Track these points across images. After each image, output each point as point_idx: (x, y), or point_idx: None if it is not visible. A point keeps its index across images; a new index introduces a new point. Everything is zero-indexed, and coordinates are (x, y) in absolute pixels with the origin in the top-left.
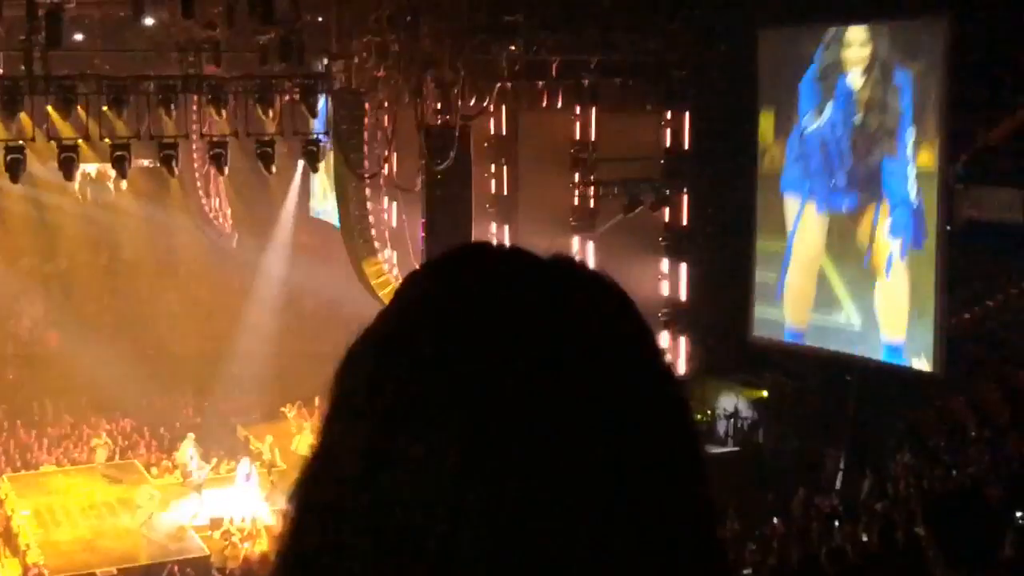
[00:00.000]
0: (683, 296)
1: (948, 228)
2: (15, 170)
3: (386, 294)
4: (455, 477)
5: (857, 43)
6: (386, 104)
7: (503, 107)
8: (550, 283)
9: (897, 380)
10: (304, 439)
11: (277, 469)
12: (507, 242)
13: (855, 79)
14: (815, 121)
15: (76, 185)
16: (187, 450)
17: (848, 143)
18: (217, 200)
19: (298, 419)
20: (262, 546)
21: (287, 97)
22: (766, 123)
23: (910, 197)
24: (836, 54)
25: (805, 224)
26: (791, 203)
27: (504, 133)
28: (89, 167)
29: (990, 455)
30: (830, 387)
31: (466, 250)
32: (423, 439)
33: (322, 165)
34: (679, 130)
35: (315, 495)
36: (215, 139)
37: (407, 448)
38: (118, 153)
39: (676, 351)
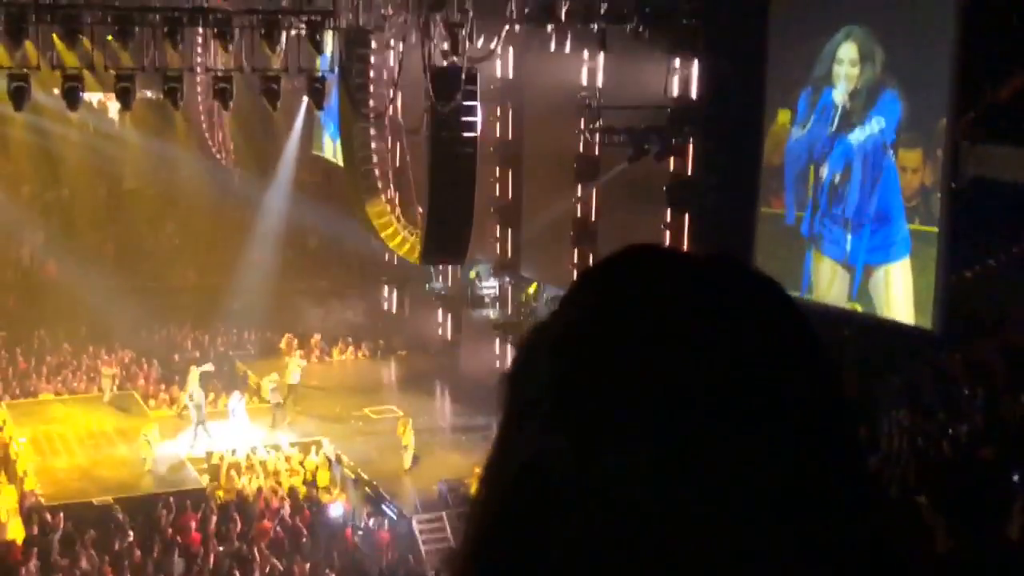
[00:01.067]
0: (685, 245)
1: (952, 185)
2: (19, 98)
3: (388, 235)
4: (645, 487)
5: (847, 61)
6: (393, 43)
7: (511, 50)
8: (721, 288)
9: (895, 336)
10: (293, 370)
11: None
12: (510, 187)
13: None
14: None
15: (82, 114)
16: (195, 382)
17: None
18: (220, 135)
19: (288, 350)
20: (258, 480)
21: (293, 33)
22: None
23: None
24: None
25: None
26: None
27: (511, 77)
28: (92, 96)
29: (985, 415)
30: (827, 341)
31: (637, 253)
32: (614, 448)
33: (326, 103)
34: (687, 79)
35: (499, 504)
36: (220, 73)
37: (599, 458)
38: (122, 84)
39: None
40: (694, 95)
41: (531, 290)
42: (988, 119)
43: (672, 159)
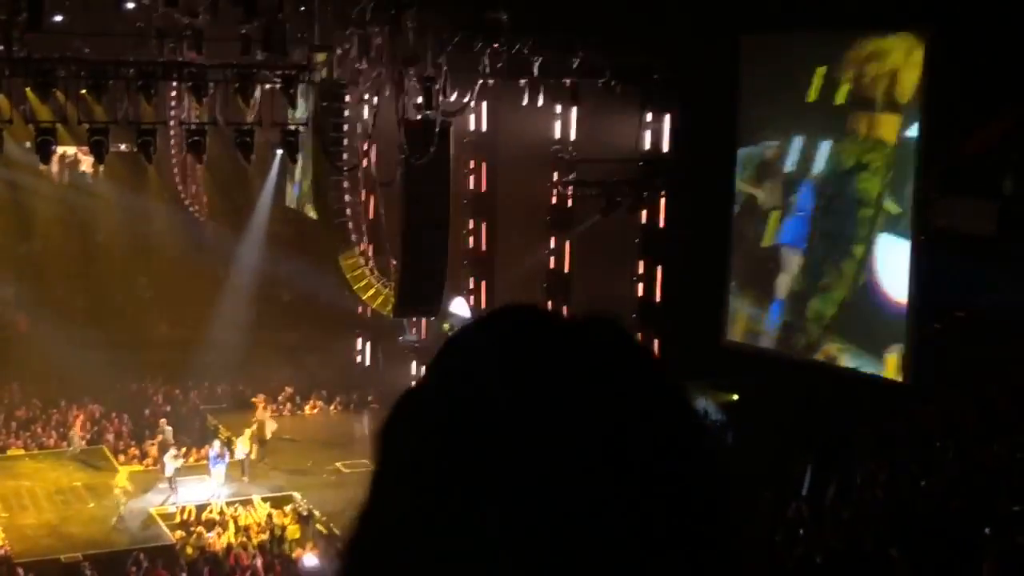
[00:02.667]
0: (657, 298)
1: (922, 238)
2: None
3: (362, 288)
4: (493, 548)
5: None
6: (367, 97)
7: (484, 104)
8: (585, 354)
9: (867, 388)
10: (267, 427)
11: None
12: (484, 239)
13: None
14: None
15: (55, 168)
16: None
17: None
18: (193, 187)
19: (263, 410)
20: (228, 536)
21: (267, 87)
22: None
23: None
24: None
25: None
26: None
27: (484, 130)
28: (66, 150)
29: (957, 467)
30: (801, 392)
31: (507, 314)
32: (465, 508)
33: (300, 157)
34: (659, 133)
35: (363, 557)
36: (194, 126)
37: (448, 517)
38: (96, 137)
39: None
40: (665, 148)
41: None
42: (955, 172)
43: (644, 211)
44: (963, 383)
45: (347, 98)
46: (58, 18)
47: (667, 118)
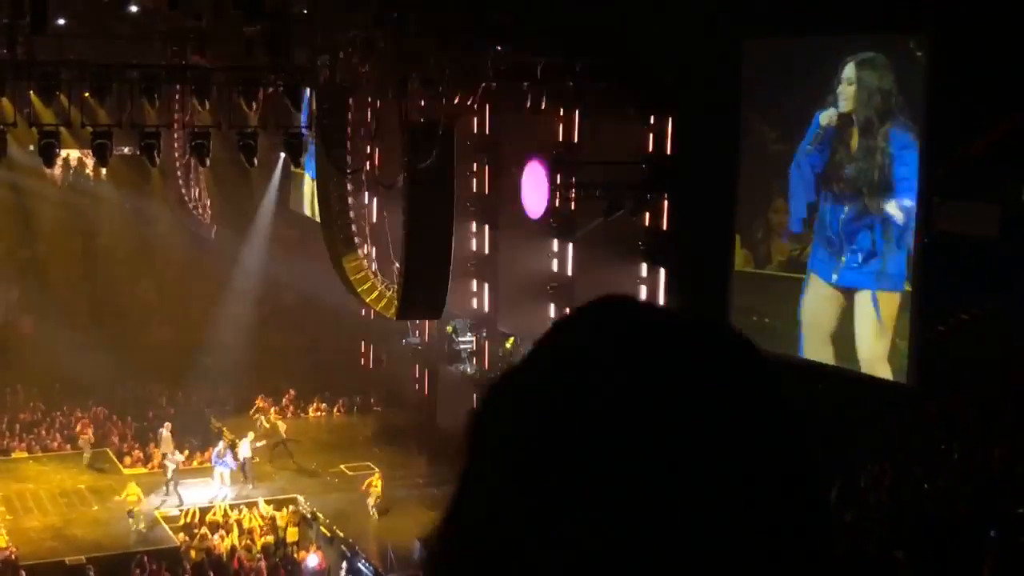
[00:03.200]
0: (661, 300)
1: (925, 241)
2: None
3: (365, 290)
4: (596, 544)
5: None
6: (370, 100)
7: (487, 107)
8: (694, 348)
9: (870, 391)
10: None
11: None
12: (487, 242)
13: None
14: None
15: (58, 171)
16: (167, 438)
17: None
18: (197, 191)
19: (263, 410)
20: (232, 539)
21: (271, 90)
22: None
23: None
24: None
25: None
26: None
27: (487, 133)
28: (71, 153)
29: (960, 469)
30: (803, 395)
31: (610, 304)
32: (571, 508)
33: (303, 159)
34: (662, 136)
35: (453, 554)
36: (197, 129)
37: (550, 508)
38: (99, 141)
39: None
40: (669, 151)
41: (508, 344)
42: (959, 175)
43: (647, 214)
44: (967, 385)
45: (350, 101)
46: (61, 21)
47: (670, 121)
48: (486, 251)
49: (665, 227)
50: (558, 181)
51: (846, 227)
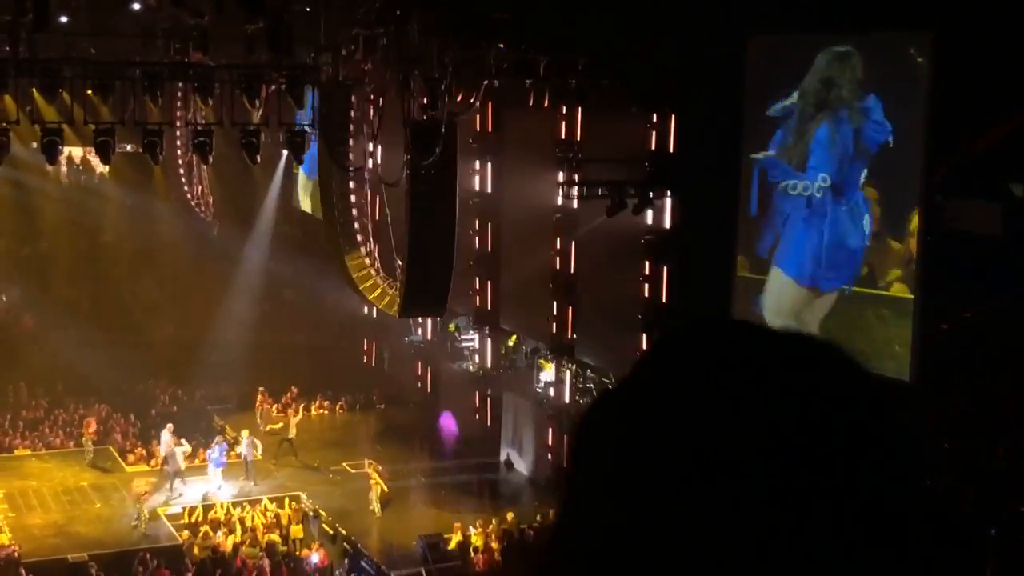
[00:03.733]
0: (664, 299)
1: (928, 239)
2: None
3: (367, 288)
4: (708, 564)
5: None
6: (372, 97)
7: (489, 105)
8: (792, 363)
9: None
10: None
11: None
12: (490, 240)
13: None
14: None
15: (63, 168)
16: (166, 440)
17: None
18: (200, 188)
19: (263, 405)
20: (235, 537)
21: (273, 87)
22: None
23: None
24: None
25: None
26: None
27: (490, 130)
28: (74, 151)
29: (962, 466)
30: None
31: (709, 327)
32: (676, 522)
33: (306, 157)
34: (665, 133)
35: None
36: (200, 127)
37: (657, 532)
38: (102, 138)
39: None
40: (671, 149)
41: (510, 342)
42: (962, 174)
43: (650, 212)
44: (969, 383)
45: (353, 98)
46: (64, 19)
47: (673, 119)
48: (489, 249)
49: (668, 225)
50: (561, 178)
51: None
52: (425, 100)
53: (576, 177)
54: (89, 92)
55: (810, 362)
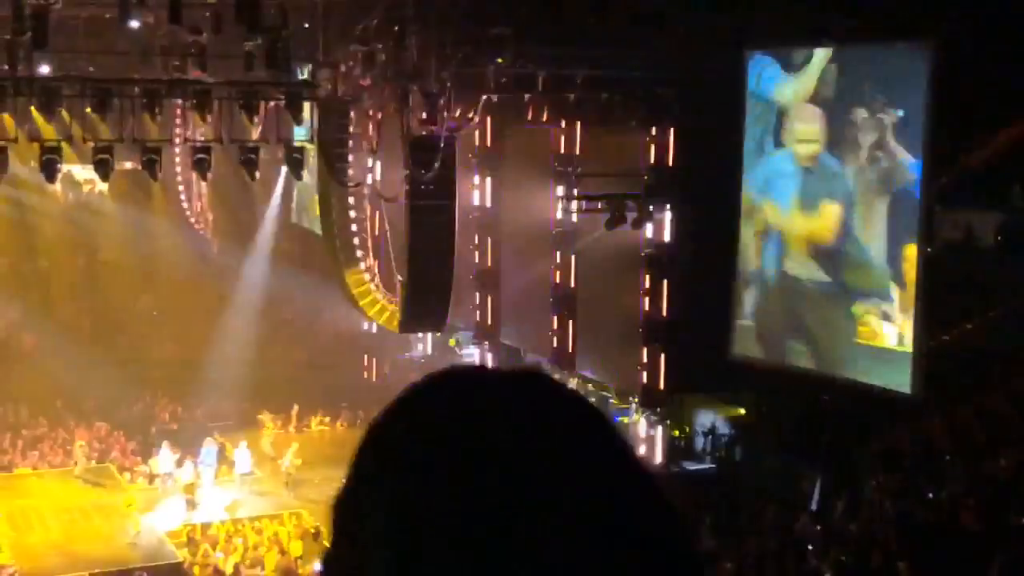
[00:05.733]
0: (664, 312)
1: (928, 250)
2: None
3: (367, 303)
4: None
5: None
6: (371, 113)
7: (488, 119)
8: (516, 408)
9: (874, 401)
10: (268, 441)
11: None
12: (489, 255)
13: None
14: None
15: (59, 187)
16: (166, 457)
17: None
18: (199, 205)
19: (272, 425)
20: (236, 555)
21: (272, 104)
22: None
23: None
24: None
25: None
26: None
27: (489, 145)
28: (75, 169)
29: (966, 478)
30: (807, 406)
31: (442, 380)
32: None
33: (306, 173)
34: (664, 147)
35: None
36: (199, 144)
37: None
38: (100, 156)
39: (656, 367)
40: (671, 162)
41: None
42: (961, 184)
43: (649, 225)
44: (971, 395)
45: (351, 114)
46: (62, 38)
47: (671, 132)
48: (488, 263)
49: (667, 238)
50: (561, 192)
51: None
52: (424, 115)
53: (575, 191)
54: (88, 110)
55: (536, 408)
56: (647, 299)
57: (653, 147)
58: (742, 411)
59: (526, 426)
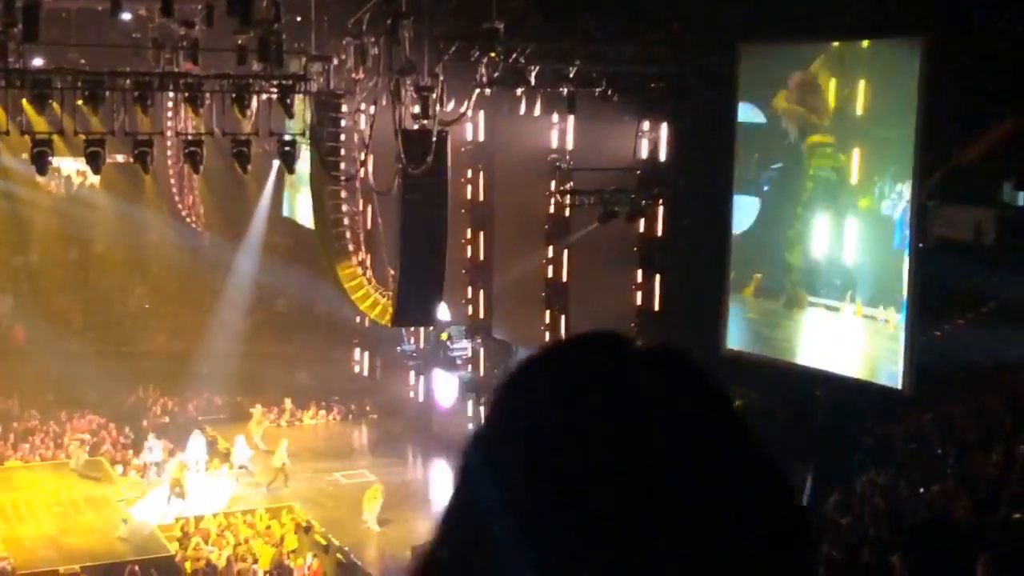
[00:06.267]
0: (656, 307)
1: (920, 246)
2: None
3: (359, 297)
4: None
5: None
6: (364, 107)
7: (481, 113)
8: (653, 379)
9: (866, 396)
10: (259, 432)
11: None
12: (482, 249)
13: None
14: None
15: (53, 179)
16: (153, 448)
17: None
18: (190, 198)
19: (262, 418)
20: (229, 548)
21: (264, 97)
22: None
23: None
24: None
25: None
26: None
27: (481, 139)
28: (66, 162)
29: (957, 473)
30: (799, 401)
31: (576, 343)
32: (521, 530)
33: (297, 166)
34: (656, 141)
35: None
36: (190, 137)
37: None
38: (92, 149)
39: None
40: (663, 157)
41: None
42: (953, 180)
43: (642, 220)
44: (963, 390)
45: (344, 108)
46: (54, 30)
47: (664, 126)
48: (481, 257)
49: (660, 233)
50: (553, 187)
51: None
52: (416, 109)
53: (568, 185)
54: (79, 102)
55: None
56: (640, 293)
57: (646, 141)
58: (736, 405)
59: (664, 403)
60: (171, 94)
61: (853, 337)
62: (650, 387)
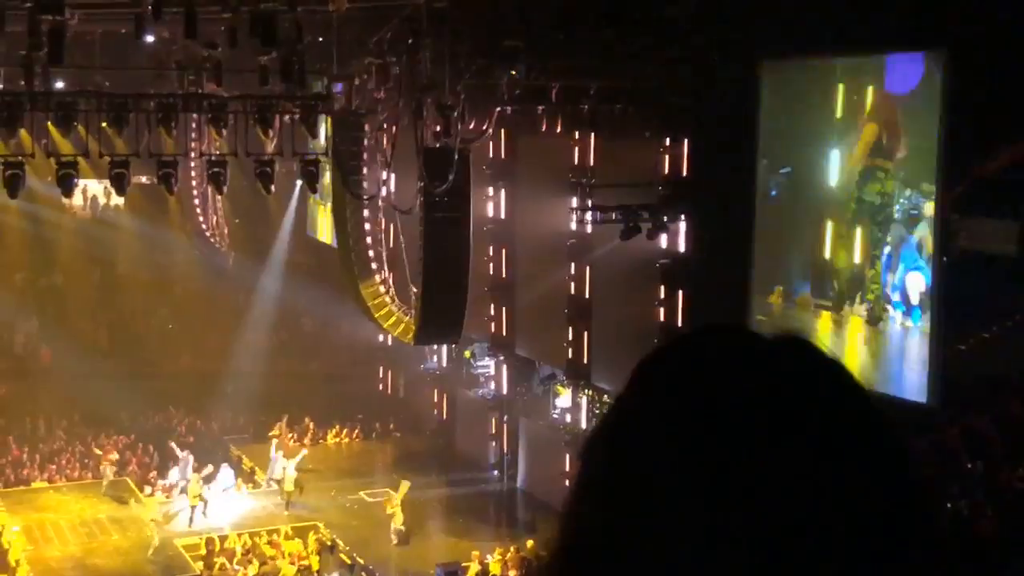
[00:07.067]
0: (680, 323)
1: (944, 259)
2: (14, 186)
3: (382, 316)
4: (694, 560)
5: None
6: (386, 126)
7: (502, 131)
8: (783, 369)
9: (891, 410)
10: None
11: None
12: (504, 266)
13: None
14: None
15: (80, 202)
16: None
17: None
18: (215, 219)
19: (283, 437)
20: (254, 568)
21: (287, 117)
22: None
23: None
24: None
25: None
26: None
27: (503, 157)
28: (92, 184)
29: (983, 487)
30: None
31: (704, 334)
32: (665, 521)
33: (320, 185)
34: (678, 157)
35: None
36: (214, 158)
37: (650, 530)
38: (117, 170)
39: None
40: (685, 173)
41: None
42: (977, 193)
43: (664, 236)
44: (989, 403)
45: (366, 127)
46: (79, 53)
47: (686, 143)
48: (503, 275)
49: (682, 249)
50: (575, 204)
51: None
52: (438, 128)
53: (590, 202)
54: (104, 124)
55: (800, 376)
56: (662, 310)
57: (668, 157)
58: None
59: (795, 391)
60: (195, 115)
61: (878, 349)
62: (794, 373)
